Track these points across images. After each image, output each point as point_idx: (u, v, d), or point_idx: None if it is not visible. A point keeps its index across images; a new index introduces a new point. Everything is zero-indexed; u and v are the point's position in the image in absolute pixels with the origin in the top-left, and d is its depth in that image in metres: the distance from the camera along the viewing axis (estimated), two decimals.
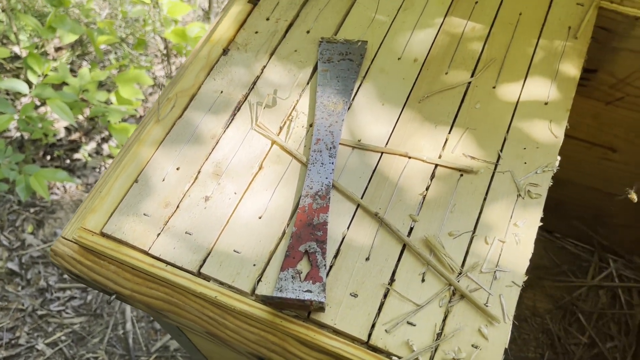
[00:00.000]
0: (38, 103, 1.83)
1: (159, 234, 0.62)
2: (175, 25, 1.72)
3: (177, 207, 0.64)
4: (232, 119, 0.70)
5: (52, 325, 1.51)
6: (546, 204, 0.63)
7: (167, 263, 0.61)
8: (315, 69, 0.74)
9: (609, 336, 1.14)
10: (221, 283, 0.59)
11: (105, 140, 1.79)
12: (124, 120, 1.78)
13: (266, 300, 0.57)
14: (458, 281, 0.59)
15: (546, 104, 0.69)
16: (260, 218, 0.63)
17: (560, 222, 1.16)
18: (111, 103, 1.58)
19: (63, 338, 1.49)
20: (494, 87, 0.71)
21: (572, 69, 0.72)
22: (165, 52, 1.91)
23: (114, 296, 0.62)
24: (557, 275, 1.17)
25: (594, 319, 1.14)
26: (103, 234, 0.62)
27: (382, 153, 0.67)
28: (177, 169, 0.66)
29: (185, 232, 0.62)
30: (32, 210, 1.68)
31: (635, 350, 1.12)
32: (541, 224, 0.63)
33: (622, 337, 1.13)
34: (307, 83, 0.73)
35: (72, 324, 1.52)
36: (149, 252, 0.61)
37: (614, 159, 0.99)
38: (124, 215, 0.63)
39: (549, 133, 0.67)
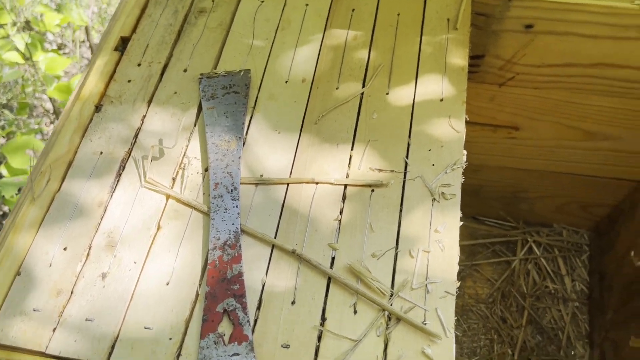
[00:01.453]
0: None
1: (55, 328, 0.54)
2: (58, 81, 1.61)
3: (72, 292, 0.56)
4: (118, 180, 0.63)
5: None
6: (466, 191, 0.61)
7: None
8: (200, 108, 0.69)
9: (546, 309, 1.16)
10: None
11: (5, 215, 1.64)
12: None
13: None
14: (391, 304, 0.55)
15: (442, 100, 0.68)
16: (167, 284, 0.57)
17: (482, 206, 1.17)
18: (3, 176, 1.45)
19: None
20: (387, 94, 0.69)
21: (459, 61, 0.71)
22: (53, 110, 1.78)
23: None
24: (490, 258, 1.18)
25: (528, 295, 1.16)
26: None
27: (287, 184, 0.63)
28: (65, 249, 0.59)
29: (86, 319, 0.55)
30: None
31: (571, 318, 1.15)
32: (460, 218, 0.61)
33: (559, 307, 1.15)
34: (194, 125, 0.67)
35: None
36: (46, 352, 0.53)
37: (518, 137, 1.01)
38: (9, 316, 0.55)
39: (450, 129, 0.66)
